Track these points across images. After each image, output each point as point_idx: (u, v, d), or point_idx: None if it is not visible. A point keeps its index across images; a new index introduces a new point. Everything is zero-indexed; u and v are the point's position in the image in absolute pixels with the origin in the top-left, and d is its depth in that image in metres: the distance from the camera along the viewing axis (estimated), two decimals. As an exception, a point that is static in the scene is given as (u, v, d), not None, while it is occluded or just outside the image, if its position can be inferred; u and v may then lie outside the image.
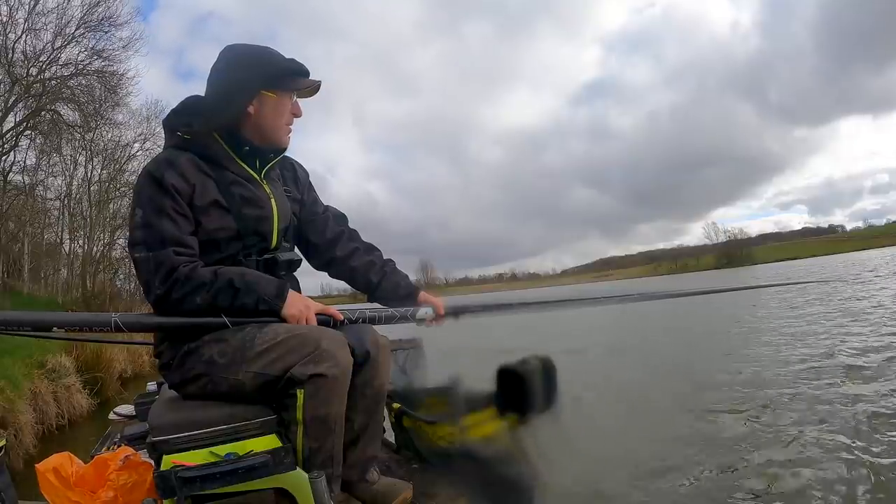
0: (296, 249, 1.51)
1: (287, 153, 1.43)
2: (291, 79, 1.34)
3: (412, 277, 1.59)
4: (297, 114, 1.39)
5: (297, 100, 1.39)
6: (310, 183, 1.57)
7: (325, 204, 1.58)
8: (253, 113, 1.32)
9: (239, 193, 1.32)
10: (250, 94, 1.31)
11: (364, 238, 1.58)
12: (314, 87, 1.38)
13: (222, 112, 1.31)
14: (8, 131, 12.65)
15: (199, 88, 1.36)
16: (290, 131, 1.40)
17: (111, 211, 17.34)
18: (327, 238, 1.54)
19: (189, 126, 1.32)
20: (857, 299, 10.75)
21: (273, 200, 1.38)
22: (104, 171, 17.09)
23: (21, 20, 12.21)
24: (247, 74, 1.30)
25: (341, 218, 1.58)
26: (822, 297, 11.80)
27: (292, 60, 1.34)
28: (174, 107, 1.37)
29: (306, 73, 1.36)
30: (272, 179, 1.42)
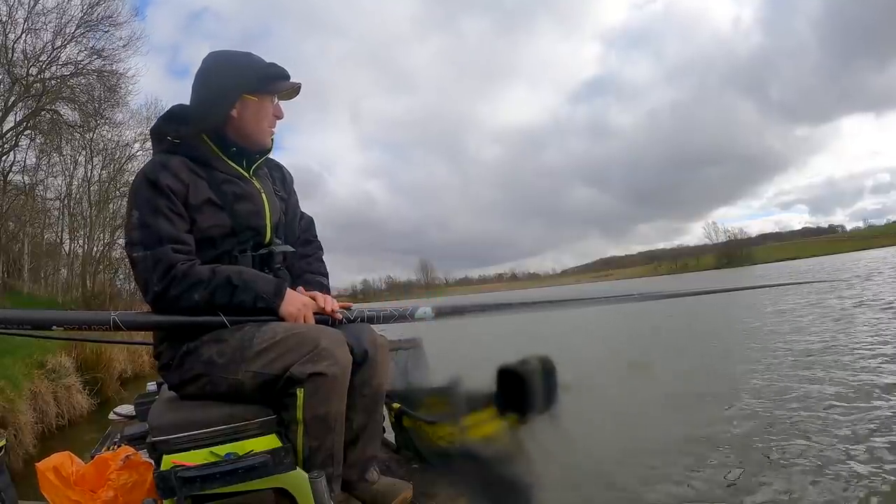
0: None
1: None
2: (271, 82, 1.38)
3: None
4: (278, 115, 1.43)
5: (279, 102, 1.43)
6: (293, 187, 1.60)
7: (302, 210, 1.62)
8: (236, 116, 1.36)
9: (231, 191, 1.36)
10: (232, 99, 1.35)
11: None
12: (294, 90, 1.42)
13: (207, 117, 1.35)
14: (8, 131, 12.65)
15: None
16: (272, 133, 1.44)
17: (111, 211, 17.33)
18: (298, 240, 1.56)
19: (177, 131, 1.36)
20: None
21: (264, 195, 1.41)
22: (104, 171, 17.09)
23: (21, 20, 12.22)
24: (228, 80, 1.35)
25: (310, 223, 1.62)
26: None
27: (272, 64, 1.39)
28: (161, 115, 1.42)
29: (286, 77, 1.40)
30: (261, 177, 1.46)
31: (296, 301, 1.29)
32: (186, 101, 1.40)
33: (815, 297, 11.58)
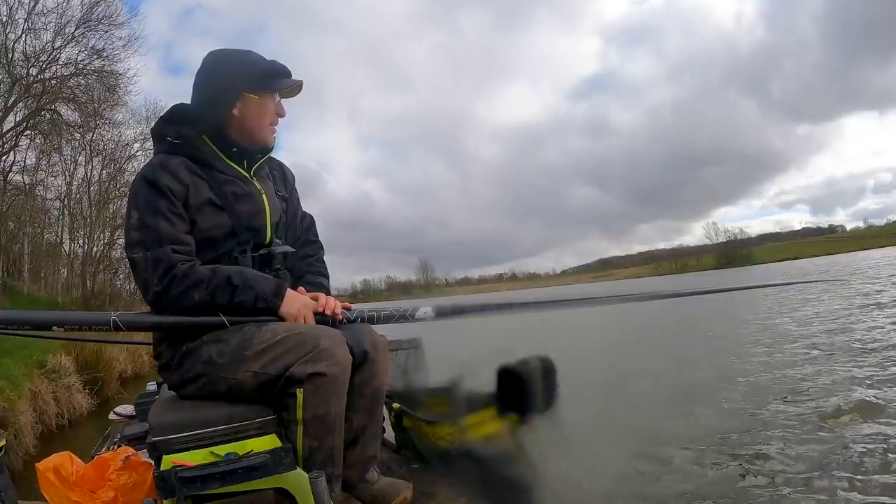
0: None
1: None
2: (272, 79, 1.37)
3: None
4: (281, 114, 1.42)
5: (281, 100, 1.42)
6: (294, 186, 1.60)
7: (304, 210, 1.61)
8: (237, 115, 1.36)
9: (231, 191, 1.35)
10: (233, 97, 1.34)
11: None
12: (296, 87, 1.41)
13: (208, 116, 1.35)
14: (8, 131, 12.64)
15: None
16: (274, 131, 1.43)
17: (111, 211, 17.35)
18: (299, 240, 1.56)
19: (178, 132, 1.35)
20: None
21: (264, 195, 1.41)
22: (104, 171, 17.12)
23: (21, 20, 12.22)
24: (229, 78, 1.34)
25: (311, 223, 1.62)
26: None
27: (273, 62, 1.38)
28: (161, 115, 1.41)
29: (287, 74, 1.39)
30: (261, 177, 1.45)
31: (296, 301, 1.29)
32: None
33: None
